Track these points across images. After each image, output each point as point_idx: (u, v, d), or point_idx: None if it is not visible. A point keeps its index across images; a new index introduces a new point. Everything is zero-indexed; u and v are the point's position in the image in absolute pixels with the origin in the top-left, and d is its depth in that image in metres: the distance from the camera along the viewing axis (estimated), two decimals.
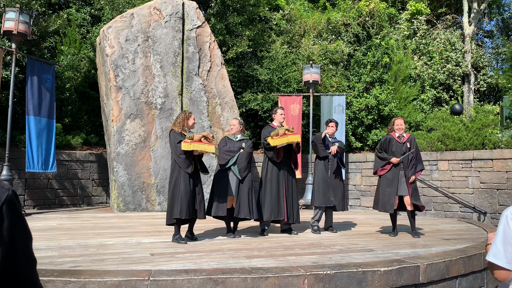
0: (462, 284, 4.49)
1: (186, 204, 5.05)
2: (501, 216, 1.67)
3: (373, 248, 5.09)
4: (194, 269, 3.63)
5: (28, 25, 8.27)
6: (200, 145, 5.17)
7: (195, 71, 9.87)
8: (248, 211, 5.63)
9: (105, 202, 10.59)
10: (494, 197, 8.95)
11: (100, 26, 12.34)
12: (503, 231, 1.63)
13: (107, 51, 9.21)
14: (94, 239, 5.35)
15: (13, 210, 0.77)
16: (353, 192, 11.16)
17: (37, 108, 8.55)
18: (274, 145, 5.84)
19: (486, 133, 9.74)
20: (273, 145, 5.83)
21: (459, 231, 6.85)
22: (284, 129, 5.91)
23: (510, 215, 1.63)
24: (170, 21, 9.78)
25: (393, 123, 6.41)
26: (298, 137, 5.93)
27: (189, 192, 5.11)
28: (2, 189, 0.77)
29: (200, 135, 5.26)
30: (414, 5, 15.48)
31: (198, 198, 5.25)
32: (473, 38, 16.11)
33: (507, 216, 1.64)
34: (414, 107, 12.82)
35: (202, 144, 5.18)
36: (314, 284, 3.59)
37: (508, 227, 1.62)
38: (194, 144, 5.14)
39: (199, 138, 5.20)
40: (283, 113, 6.36)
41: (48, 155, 8.67)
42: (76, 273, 3.38)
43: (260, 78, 12.24)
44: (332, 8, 14.32)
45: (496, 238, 1.66)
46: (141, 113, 9.26)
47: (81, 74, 11.71)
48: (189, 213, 5.08)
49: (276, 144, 5.83)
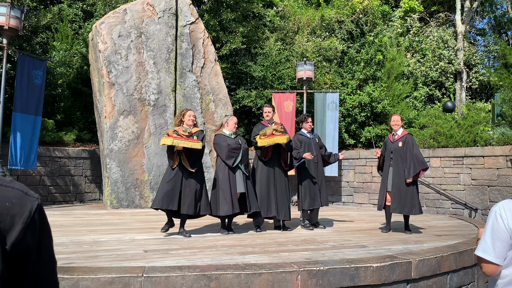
0: (453, 279, 4.55)
1: (159, 196, 5.23)
2: (490, 211, 1.70)
3: (365, 244, 5.13)
4: (188, 266, 3.64)
5: (19, 20, 8.18)
6: (164, 139, 5.25)
7: (189, 68, 9.83)
8: (257, 205, 5.82)
9: (98, 199, 10.54)
10: (485, 194, 9.05)
11: (92, 21, 12.24)
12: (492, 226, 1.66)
13: (100, 47, 9.14)
14: (87, 236, 5.33)
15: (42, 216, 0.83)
16: (346, 189, 11.22)
17: (25, 105, 8.48)
18: (261, 145, 5.87)
19: (478, 131, 9.83)
20: (260, 145, 5.87)
21: (450, 227, 6.93)
22: (272, 129, 5.90)
23: (498, 210, 1.66)
24: (164, 17, 9.73)
25: (390, 119, 6.38)
26: (285, 138, 5.86)
27: (164, 184, 5.26)
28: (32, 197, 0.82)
29: (172, 130, 5.37)
30: (407, 3, 15.55)
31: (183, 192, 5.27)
32: (466, 36, 16.22)
33: (496, 211, 1.67)
34: (407, 104, 12.89)
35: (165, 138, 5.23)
36: (307, 280, 3.62)
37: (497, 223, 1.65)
38: (163, 139, 5.26)
39: (171, 133, 5.30)
40: (267, 111, 6.35)
41: (30, 152, 8.61)
42: (69, 270, 3.37)
43: (254, 75, 12.23)
44: (326, 5, 14.33)
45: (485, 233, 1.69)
46: (134, 110, 9.21)
47: (73, 70, 11.61)
48: (161, 204, 5.21)
49: (263, 144, 5.85)
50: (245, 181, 5.76)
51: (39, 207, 0.81)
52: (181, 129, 5.36)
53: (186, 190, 5.28)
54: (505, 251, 1.64)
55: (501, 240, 1.63)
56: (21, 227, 0.77)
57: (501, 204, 1.67)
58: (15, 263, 0.76)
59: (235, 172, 5.71)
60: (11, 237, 0.75)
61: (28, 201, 0.80)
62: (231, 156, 5.68)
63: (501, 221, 1.63)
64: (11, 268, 0.76)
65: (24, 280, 0.78)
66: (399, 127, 6.25)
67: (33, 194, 0.83)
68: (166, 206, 5.22)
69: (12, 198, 0.78)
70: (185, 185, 5.30)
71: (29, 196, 0.81)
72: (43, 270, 0.82)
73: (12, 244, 0.75)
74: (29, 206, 0.80)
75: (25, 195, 0.81)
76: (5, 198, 0.78)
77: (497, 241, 1.63)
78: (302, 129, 6.62)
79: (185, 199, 5.26)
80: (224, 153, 5.68)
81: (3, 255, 0.74)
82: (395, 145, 6.17)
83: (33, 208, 0.80)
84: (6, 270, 0.74)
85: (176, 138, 5.23)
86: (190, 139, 5.32)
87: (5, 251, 0.74)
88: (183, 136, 5.30)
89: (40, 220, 0.81)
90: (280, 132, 5.93)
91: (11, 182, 0.81)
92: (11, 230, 0.75)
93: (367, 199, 10.85)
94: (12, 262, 0.75)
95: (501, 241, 1.63)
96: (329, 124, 10.86)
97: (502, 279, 1.67)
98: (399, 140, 6.18)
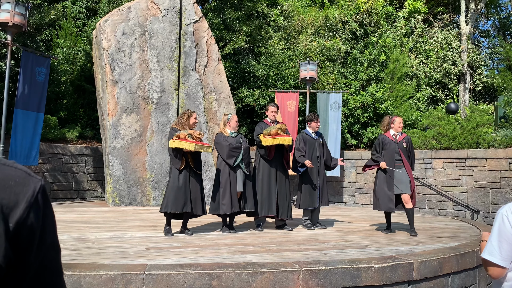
0: (455, 281, 4.54)
1: (172, 199, 5.19)
2: (497, 214, 1.70)
3: (367, 245, 5.12)
4: (189, 264, 3.64)
5: (23, 17, 8.20)
6: (183, 143, 5.21)
7: (192, 66, 9.84)
8: (253, 204, 5.84)
9: (100, 196, 10.57)
10: (488, 196, 9.03)
11: (96, 19, 12.26)
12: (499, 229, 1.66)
13: (104, 45, 9.15)
14: (89, 233, 5.34)
15: (45, 198, 0.82)
16: (348, 189, 11.20)
17: (27, 101, 8.49)
18: (266, 145, 5.87)
19: (481, 132, 9.80)
20: (264, 144, 5.87)
21: (452, 229, 6.91)
22: (277, 129, 5.88)
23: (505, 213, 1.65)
24: (168, 15, 9.74)
25: (393, 121, 6.33)
26: (289, 140, 5.87)
27: (175, 187, 5.22)
28: (36, 178, 0.81)
29: (186, 133, 5.29)
30: (411, 4, 15.51)
31: (192, 194, 5.29)
32: (470, 37, 16.17)
33: (503, 214, 1.66)
34: (410, 105, 12.87)
35: (185, 142, 5.21)
36: (308, 279, 3.62)
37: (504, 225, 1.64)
38: (178, 142, 5.22)
39: (184, 136, 5.25)
40: (273, 110, 6.31)
41: (31, 148, 8.61)
42: (71, 266, 3.38)
43: (257, 74, 12.22)
44: (330, 5, 14.31)
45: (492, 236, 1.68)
46: (137, 108, 9.23)
47: (77, 68, 11.63)
48: (175, 208, 5.19)
49: (268, 144, 5.85)
50: (244, 180, 5.78)
51: (42, 187, 0.80)
52: (196, 132, 5.36)
53: (195, 192, 5.33)
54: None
55: (508, 242, 1.62)
56: (25, 206, 0.76)
57: (508, 207, 1.66)
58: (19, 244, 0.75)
59: (236, 171, 5.72)
60: (15, 216, 0.75)
61: (31, 181, 0.80)
62: (231, 156, 5.69)
63: (508, 223, 1.63)
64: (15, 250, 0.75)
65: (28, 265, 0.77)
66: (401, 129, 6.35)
67: (36, 176, 0.82)
68: (181, 209, 5.22)
69: (16, 177, 0.78)
70: (193, 186, 5.34)
71: (32, 177, 0.81)
72: (47, 256, 0.81)
73: (16, 222, 0.74)
74: (32, 186, 0.79)
75: (28, 176, 0.80)
76: (9, 176, 0.77)
77: (504, 243, 1.63)
78: (309, 128, 6.55)
79: (194, 201, 5.31)
80: (225, 152, 5.69)
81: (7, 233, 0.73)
82: (401, 146, 6.17)
83: (36, 188, 0.79)
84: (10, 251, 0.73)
85: (197, 143, 5.23)
86: (203, 143, 5.38)
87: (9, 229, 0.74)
88: (197, 140, 5.33)
89: (43, 203, 0.80)
90: (284, 132, 5.93)
91: (14, 163, 0.81)
92: (14, 208, 0.75)
93: (368, 200, 10.83)
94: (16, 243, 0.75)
95: (508, 244, 1.62)
96: (332, 125, 10.85)
97: (508, 281, 1.67)
98: (402, 140, 6.20)
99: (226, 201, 5.60)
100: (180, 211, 5.23)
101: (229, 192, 5.62)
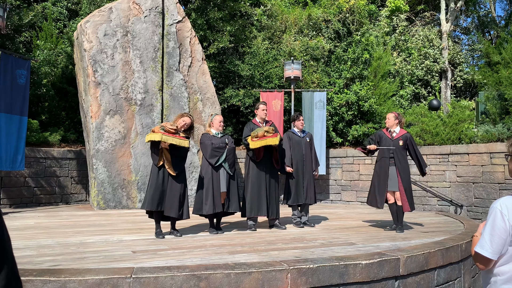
0: (440, 275, 4.61)
1: (149, 197, 5.17)
2: (490, 208, 1.72)
3: (354, 241, 5.16)
4: (177, 266, 3.61)
5: (1, 19, 8.03)
6: (152, 134, 5.10)
7: (176, 67, 9.77)
8: (238, 205, 5.81)
9: (85, 200, 10.41)
10: (470, 190, 9.20)
11: (77, 20, 12.07)
12: (493, 223, 1.68)
13: (85, 46, 9.02)
14: (74, 238, 5.25)
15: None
16: (334, 187, 11.28)
17: (9, 105, 8.30)
18: (253, 148, 5.87)
19: (463, 128, 9.98)
20: (252, 147, 5.87)
21: (437, 224, 7.02)
22: (264, 131, 5.88)
23: (499, 207, 1.68)
24: (150, 16, 9.64)
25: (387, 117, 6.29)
26: (277, 140, 5.87)
27: (153, 185, 5.17)
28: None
29: (159, 126, 5.26)
30: (393, 2, 15.69)
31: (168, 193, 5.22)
32: (450, 35, 16.45)
33: (497, 208, 1.69)
34: (393, 102, 13.02)
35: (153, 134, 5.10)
36: (297, 278, 3.62)
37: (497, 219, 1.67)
38: (149, 134, 5.15)
39: (158, 129, 5.19)
40: (264, 109, 6.33)
41: (17, 153, 8.42)
42: (56, 272, 3.32)
43: (241, 74, 12.21)
44: (313, 4, 14.38)
45: (485, 230, 1.71)
46: (120, 109, 9.11)
47: (58, 70, 11.43)
48: (150, 206, 5.16)
49: (255, 146, 5.85)
50: (228, 181, 5.76)
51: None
52: (168, 124, 5.28)
53: (171, 192, 5.25)
54: (502, 247, 1.66)
55: (499, 236, 1.65)
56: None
57: (502, 201, 1.69)
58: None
59: (218, 171, 5.70)
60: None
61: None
62: (214, 155, 5.67)
63: (501, 217, 1.66)
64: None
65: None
66: (395, 125, 6.19)
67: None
68: (156, 208, 5.18)
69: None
70: (170, 187, 5.25)
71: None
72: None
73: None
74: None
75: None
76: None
77: (495, 237, 1.66)
78: (294, 127, 6.65)
79: (169, 201, 5.23)
80: (208, 152, 5.69)
81: None
82: (396, 143, 6.08)
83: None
84: None
85: (164, 134, 5.14)
86: (177, 136, 5.25)
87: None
88: (170, 133, 5.21)
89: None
90: (271, 133, 5.92)
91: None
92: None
93: (354, 197, 10.93)
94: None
95: (499, 237, 1.65)
96: (317, 123, 10.91)
97: (501, 275, 1.70)
98: (399, 138, 6.12)
99: (209, 201, 5.58)
100: (155, 209, 5.19)
101: (212, 192, 5.61)
